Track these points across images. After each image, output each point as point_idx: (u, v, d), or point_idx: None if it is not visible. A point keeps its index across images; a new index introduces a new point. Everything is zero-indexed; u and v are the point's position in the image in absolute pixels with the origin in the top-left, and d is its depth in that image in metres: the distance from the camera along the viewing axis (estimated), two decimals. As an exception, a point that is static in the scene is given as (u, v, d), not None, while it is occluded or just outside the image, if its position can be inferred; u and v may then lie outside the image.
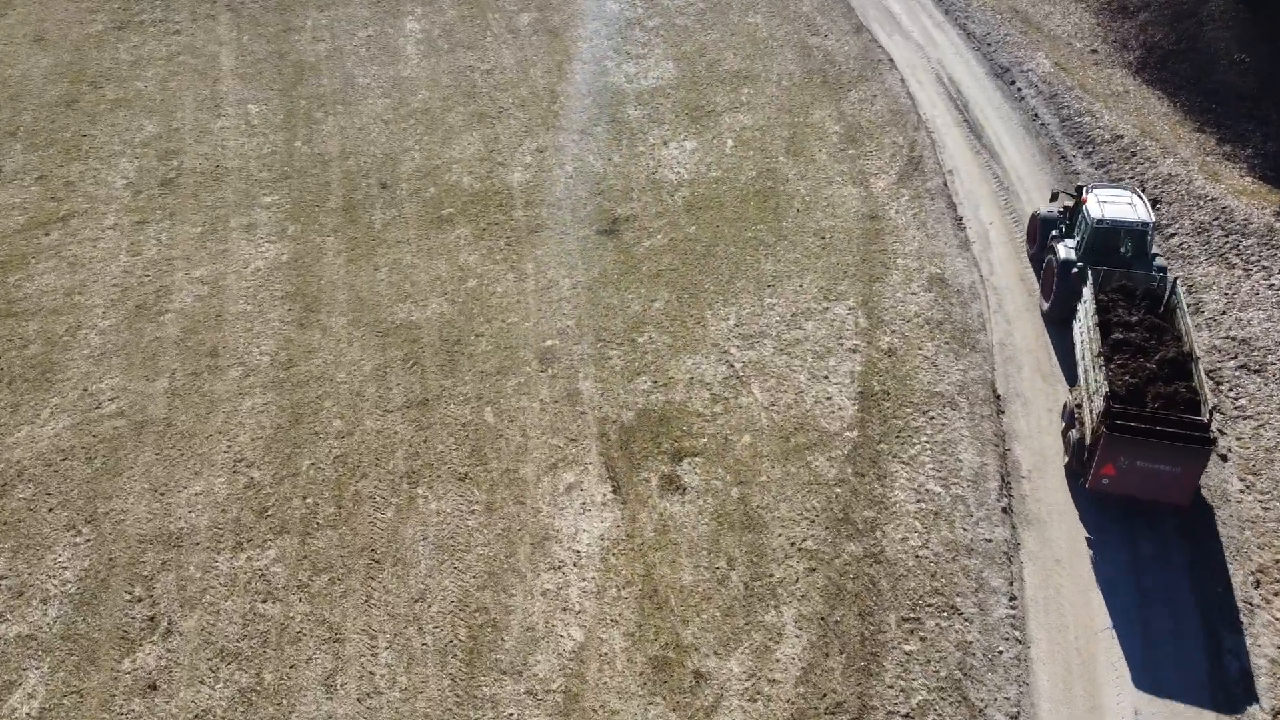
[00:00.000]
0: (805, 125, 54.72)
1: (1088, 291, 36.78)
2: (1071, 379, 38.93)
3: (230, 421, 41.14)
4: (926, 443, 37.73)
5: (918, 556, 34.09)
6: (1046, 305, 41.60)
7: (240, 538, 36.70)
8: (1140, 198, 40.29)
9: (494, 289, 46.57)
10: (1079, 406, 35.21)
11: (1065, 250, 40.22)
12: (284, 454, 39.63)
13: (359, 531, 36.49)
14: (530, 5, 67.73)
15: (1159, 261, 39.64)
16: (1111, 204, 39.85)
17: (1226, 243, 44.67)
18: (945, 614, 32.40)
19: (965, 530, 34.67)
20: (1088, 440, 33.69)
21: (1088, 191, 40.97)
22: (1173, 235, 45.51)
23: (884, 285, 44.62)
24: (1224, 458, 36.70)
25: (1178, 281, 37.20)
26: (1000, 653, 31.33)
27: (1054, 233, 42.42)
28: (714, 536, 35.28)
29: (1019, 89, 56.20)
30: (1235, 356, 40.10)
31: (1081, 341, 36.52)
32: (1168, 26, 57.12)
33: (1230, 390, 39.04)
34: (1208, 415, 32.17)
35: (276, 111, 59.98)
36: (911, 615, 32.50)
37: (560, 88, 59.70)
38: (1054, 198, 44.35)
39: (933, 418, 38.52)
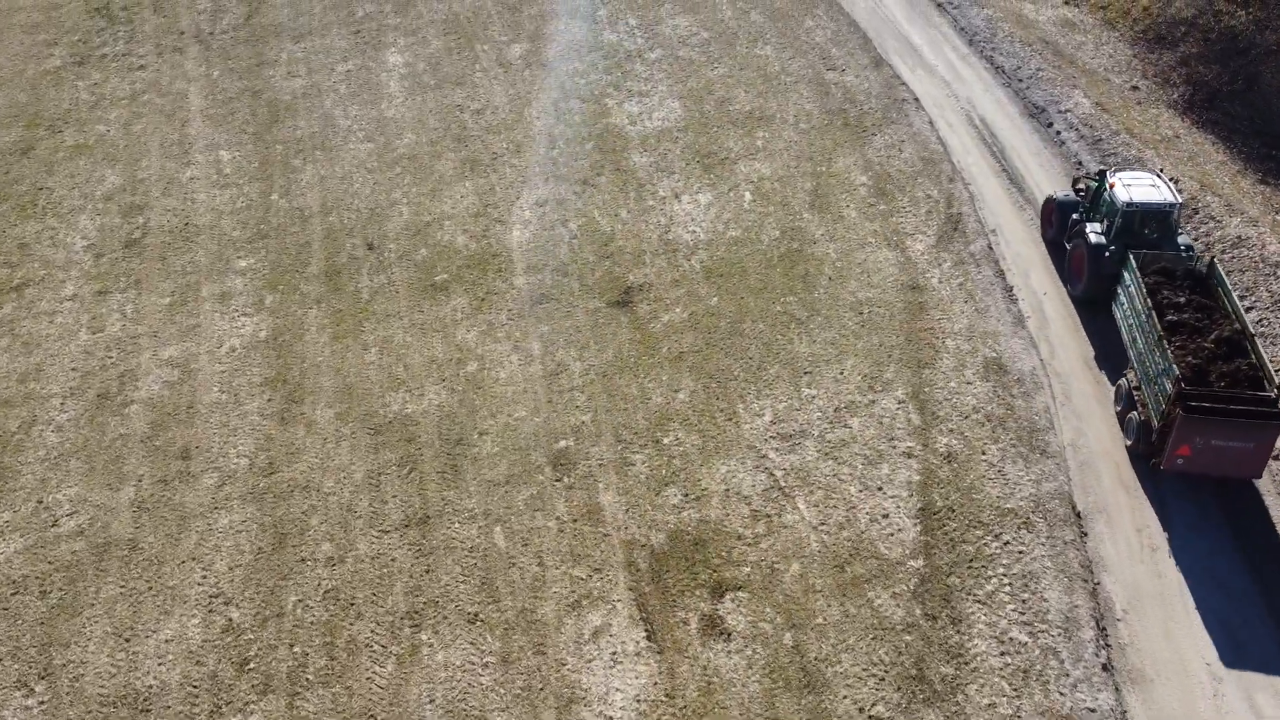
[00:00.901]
0: (829, 175, 49.01)
1: (1135, 275, 36.52)
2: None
3: (205, 544, 35.43)
4: (1003, 575, 32.26)
5: (1009, 728, 28.63)
6: (1077, 290, 41.76)
7: (218, 698, 31.17)
8: (1162, 179, 40.55)
9: (497, 374, 40.83)
10: (1137, 389, 35.57)
11: (1095, 235, 40.43)
12: (267, 587, 33.97)
13: (355, 691, 30.94)
14: (521, 35, 61.70)
15: (1184, 240, 39.81)
16: (1137, 187, 39.97)
17: (1312, 317, 39.56)
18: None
19: (1062, 695, 29.31)
20: (1155, 423, 33.83)
21: (1112, 175, 40.90)
22: (1250, 308, 40.03)
23: (935, 372, 39.04)
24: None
25: (1215, 260, 37.29)
26: None
27: (1074, 216, 42.66)
28: (768, 698, 29.85)
29: (1058, 131, 50.69)
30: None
31: (1131, 325, 36.60)
32: (1216, 63, 51.63)
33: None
34: (1276, 391, 32.54)
35: (250, 158, 53.91)
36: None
37: (558, 130, 53.82)
38: (1075, 183, 44.41)
39: (1007, 543, 33.04)
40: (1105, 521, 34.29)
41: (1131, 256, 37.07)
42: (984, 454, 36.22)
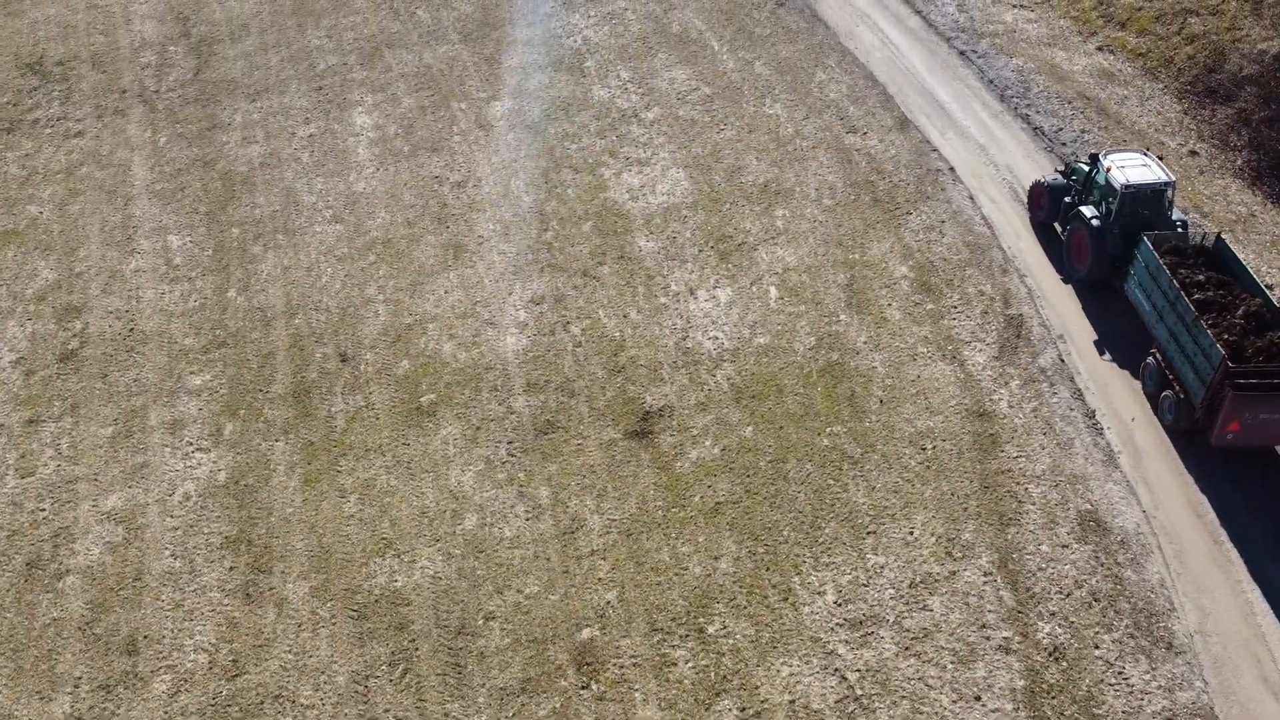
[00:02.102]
0: (864, 265, 41.70)
1: (1153, 256, 35.93)
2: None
3: (157, 784, 27.61)
4: (1149, 830, 24.95)
5: None
6: (1080, 274, 40.94)
7: None
8: (1151, 158, 40.20)
9: (501, 532, 33.45)
10: (1168, 368, 35.14)
11: (1094, 218, 39.63)
12: None
13: None
14: (502, 91, 53.91)
15: (1178, 216, 39.76)
16: (1131, 168, 39.41)
17: None
18: None
19: None
20: (1198, 401, 33.36)
21: (1104, 158, 40.11)
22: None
23: (1021, 531, 31.92)
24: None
25: (1221, 235, 37.32)
26: None
27: (1066, 199, 41.67)
28: None
29: (1115, 209, 43.25)
30: None
31: (1155, 306, 35.70)
32: (1283, 123, 44.67)
33: None
34: None
35: (203, 244, 45.99)
36: None
37: (550, 207, 46.20)
38: (1067, 169, 43.04)
39: (1148, 782, 25.73)
40: (1258, 743, 27.05)
41: (1146, 239, 36.38)
42: (1097, 648, 29.15)
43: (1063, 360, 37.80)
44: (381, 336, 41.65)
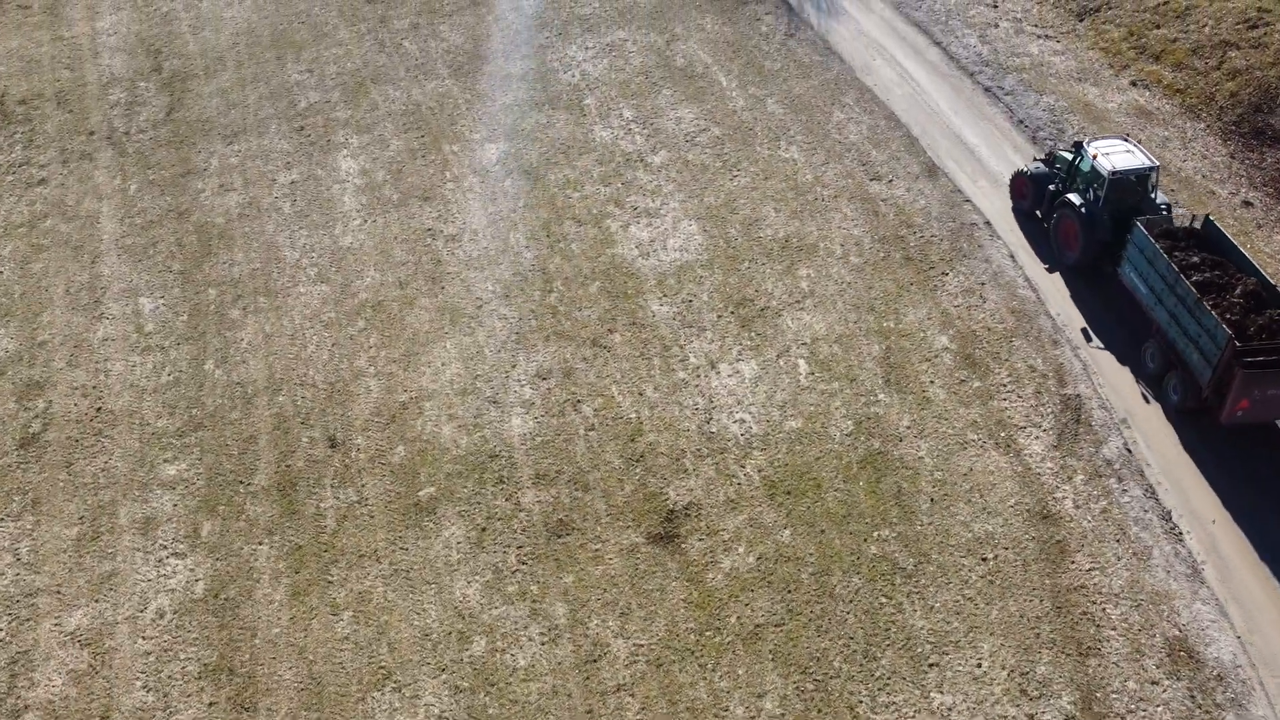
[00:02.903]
0: (900, 334, 37.36)
1: (1148, 241, 35.81)
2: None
3: None
4: None
5: None
6: (1070, 261, 40.52)
7: None
8: (1131, 143, 40.21)
9: (514, 660, 29.15)
10: (1171, 349, 34.97)
11: (1082, 205, 39.36)
12: None
13: None
14: (496, 132, 49.28)
15: (1161, 199, 39.69)
16: (1116, 154, 39.24)
17: None
18: None
19: None
20: (1204, 381, 33.31)
21: (1088, 145, 39.83)
22: None
23: (1104, 664, 27.76)
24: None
25: (1209, 217, 37.00)
26: None
27: (1051, 187, 41.36)
28: None
29: (1168, 268, 39.04)
30: None
31: (1153, 289, 35.60)
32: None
33: None
34: None
35: (178, 308, 41.34)
36: None
37: (554, 264, 41.70)
38: (1050, 158, 42.52)
39: None
40: None
41: (1139, 224, 36.34)
42: (1206, 818, 24.65)
43: (1129, 450, 33.57)
44: (374, 417, 37.10)
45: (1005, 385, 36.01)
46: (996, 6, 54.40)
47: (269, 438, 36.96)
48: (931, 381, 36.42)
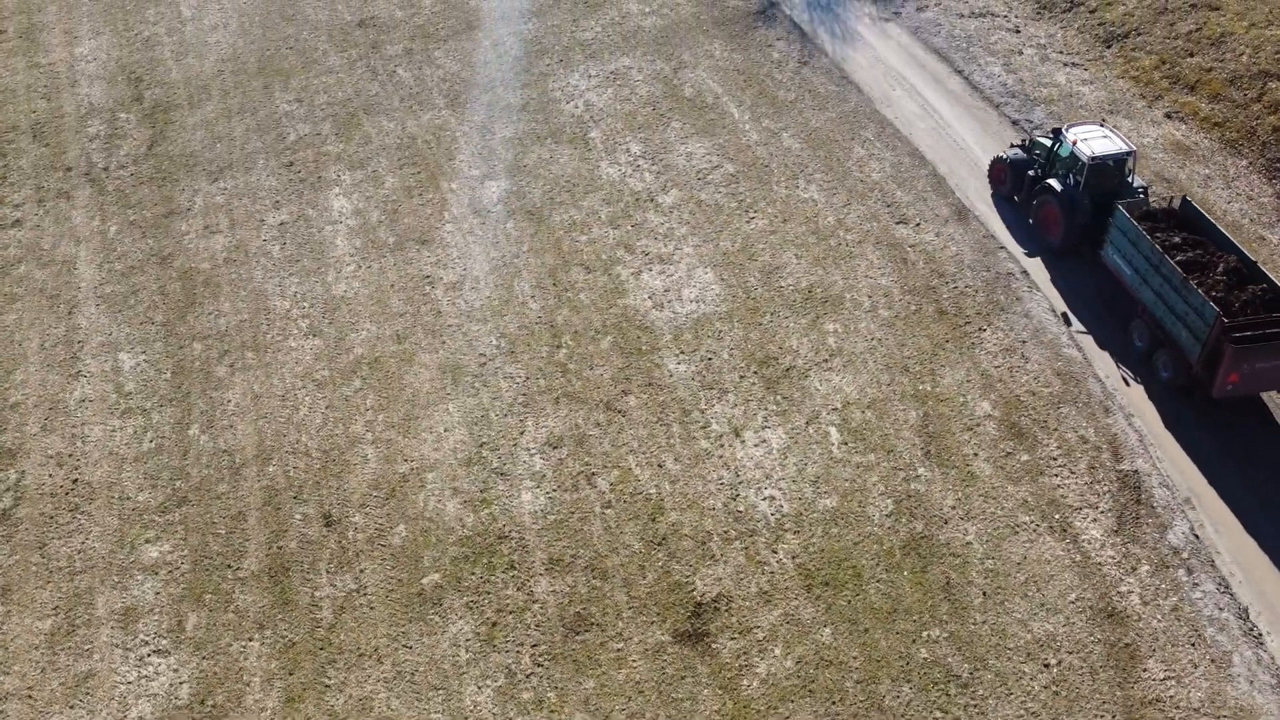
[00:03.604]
0: (938, 399, 34.18)
1: (1131, 224, 36.14)
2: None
3: None
4: None
5: None
6: (1053, 245, 40.80)
7: None
8: (1108, 128, 40.45)
9: (532, 782, 25.58)
10: (1159, 327, 35.26)
11: (1063, 188, 39.63)
12: None
13: None
14: (496, 168, 45.91)
15: (1138, 182, 39.90)
16: (1094, 140, 39.59)
17: None
18: None
19: None
20: (1194, 358, 33.71)
21: (1066, 131, 40.07)
22: None
23: (1186, 792, 24.22)
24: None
25: (1186, 198, 37.55)
26: None
27: (1030, 173, 41.40)
28: None
29: (1218, 322, 36.05)
30: None
31: (1138, 270, 35.84)
32: None
33: None
34: None
35: (160, 364, 38.00)
36: None
37: (562, 316, 38.46)
38: (1027, 143, 42.74)
39: None
40: None
41: (1120, 207, 36.75)
42: None
43: (1197, 535, 30.44)
44: (372, 491, 33.85)
45: (1055, 459, 32.86)
46: (1019, 32, 51.18)
47: (259, 514, 33.68)
48: (975, 454, 33.26)
